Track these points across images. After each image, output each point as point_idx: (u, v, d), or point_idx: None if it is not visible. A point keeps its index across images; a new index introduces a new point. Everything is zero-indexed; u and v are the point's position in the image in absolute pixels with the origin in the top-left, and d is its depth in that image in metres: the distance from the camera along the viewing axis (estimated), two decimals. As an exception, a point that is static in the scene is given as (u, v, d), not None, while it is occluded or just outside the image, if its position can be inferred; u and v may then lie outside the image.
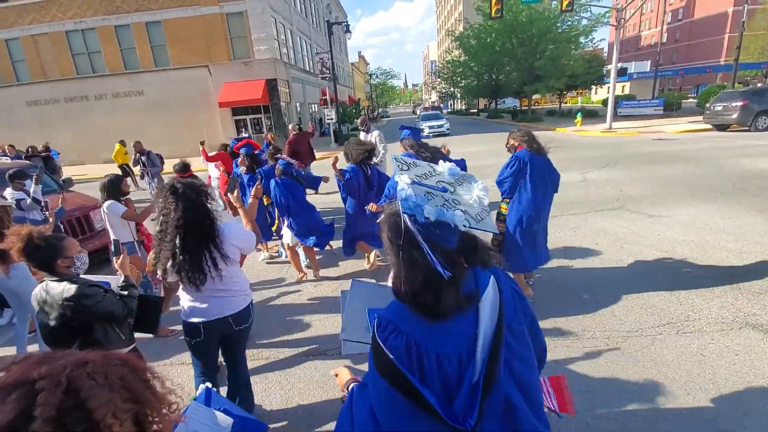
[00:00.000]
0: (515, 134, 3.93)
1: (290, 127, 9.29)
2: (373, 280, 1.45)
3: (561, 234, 5.83)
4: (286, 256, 5.23)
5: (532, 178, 3.74)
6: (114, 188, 4.05)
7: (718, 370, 2.84)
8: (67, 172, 10.87)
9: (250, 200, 2.71)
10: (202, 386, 1.68)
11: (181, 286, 2.25)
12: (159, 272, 2.17)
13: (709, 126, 16.22)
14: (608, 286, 4.16)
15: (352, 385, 1.33)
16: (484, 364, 1.00)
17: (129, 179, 5.94)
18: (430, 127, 23.48)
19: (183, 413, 1.21)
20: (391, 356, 1.02)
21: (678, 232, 5.49)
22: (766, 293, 3.76)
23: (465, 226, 0.99)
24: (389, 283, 1.22)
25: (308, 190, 5.08)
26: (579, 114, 22.16)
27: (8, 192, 4.68)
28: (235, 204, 2.62)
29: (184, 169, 5.41)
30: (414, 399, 1.00)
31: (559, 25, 25.35)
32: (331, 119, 21.36)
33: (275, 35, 21.55)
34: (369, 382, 1.17)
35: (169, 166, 8.65)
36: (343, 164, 4.80)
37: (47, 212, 4.48)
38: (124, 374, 0.60)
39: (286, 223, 4.77)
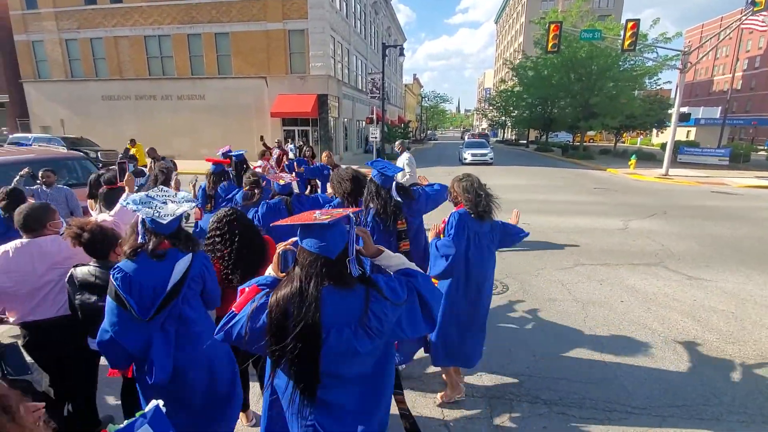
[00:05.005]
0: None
1: (278, 141, 7.80)
2: None
3: (585, 285, 5.48)
4: None
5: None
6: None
7: (731, 470, 2.50)
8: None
9: None
10: (153, 402, 1.43)
11: None
12: None
13: (778, 183, 14.90)
14: (623, 353, 3.82)
15: None
16: (167, 293, 1.92)
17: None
18: (473, 155, 23.23)
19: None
20: (114, 284, 1.89)
21: (717, 300, 5.00)
22: (808, 387, 3.30)
23: (144, 216, 1.94)
24: None
25: None
26: (634, 156, 21.12)
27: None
28: None
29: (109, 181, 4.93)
30: (122, 305, 1.89)
31: (621, 63, 24.47)
32: (375, 137, 21.76)
33: (332, 53, 22.36)
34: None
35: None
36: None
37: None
38: None
39: None
